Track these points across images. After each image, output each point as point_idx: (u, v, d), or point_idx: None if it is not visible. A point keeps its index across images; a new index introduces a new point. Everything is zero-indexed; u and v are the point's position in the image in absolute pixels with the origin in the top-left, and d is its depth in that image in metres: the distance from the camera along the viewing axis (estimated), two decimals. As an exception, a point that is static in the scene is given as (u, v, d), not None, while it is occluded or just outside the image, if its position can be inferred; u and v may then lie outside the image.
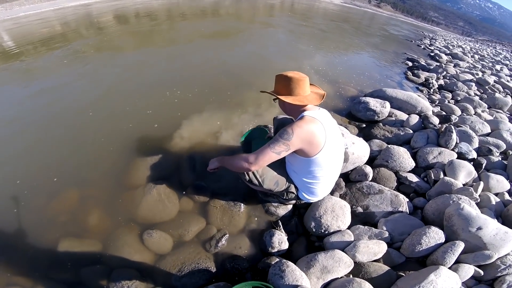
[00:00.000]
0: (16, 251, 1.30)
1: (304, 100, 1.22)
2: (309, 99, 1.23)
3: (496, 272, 1.22)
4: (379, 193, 1.62)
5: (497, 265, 1.22)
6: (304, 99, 1.22)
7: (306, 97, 1.23)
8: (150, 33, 5.97)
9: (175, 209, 1.52)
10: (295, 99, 1.21)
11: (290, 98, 1.21)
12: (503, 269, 1.21)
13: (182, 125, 2.23)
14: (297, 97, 1.22)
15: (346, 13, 24.18)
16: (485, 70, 6.57)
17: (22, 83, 3.17)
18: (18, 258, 1.27)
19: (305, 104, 1.21)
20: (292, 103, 1.21)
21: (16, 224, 1.41)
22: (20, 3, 13.82)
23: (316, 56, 5.13)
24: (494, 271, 1.22)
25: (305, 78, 1.23)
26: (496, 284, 1.21)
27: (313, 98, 1.25)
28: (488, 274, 1.23)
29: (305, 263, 1.22)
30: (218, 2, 14.58)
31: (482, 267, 1.24)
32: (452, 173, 1.81)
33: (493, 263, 1.23)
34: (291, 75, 1.21)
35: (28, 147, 1.96)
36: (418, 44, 10.20)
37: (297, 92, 1.22)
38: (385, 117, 2.66)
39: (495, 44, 26.86)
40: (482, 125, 2.58)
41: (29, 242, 1.33)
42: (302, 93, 1.23)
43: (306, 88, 1.24)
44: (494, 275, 1.22)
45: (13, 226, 1.40)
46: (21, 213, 1.47)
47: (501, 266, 1.21)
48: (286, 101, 1.20)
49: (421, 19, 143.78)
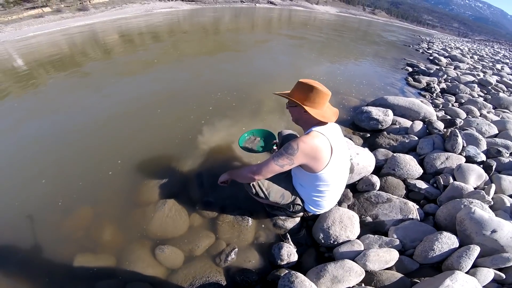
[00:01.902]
0: (33, 267, 1.34)
1: (325, 116, 1.16)
2: (328, 115, 1.18)
3: None
4: (388, 202, 1.60)
5: None
6: (325, 114, 1.17)
7: (327, 113, 1.19)
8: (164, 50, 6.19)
9: (186, 225, 1.54)
10: (319, 114, 1.15)
11: (314, 111, 1.14)
12: None
13: (189, 142, 2.28)
14: (320, 112, 1.16)
15: (343, 22, 24.71)
16: (486, 70, 6.56)
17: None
18: (35, 274, 1.31)
19: (326, 120, 1.15)
20: (314, 117, 1.14)
21: (33, 240, 1.47)
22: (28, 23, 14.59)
23: (316, 66, 5.23)
24: None
25: (329, 94, 1.18)
26: (520, 286, 1.17)
27: (330, 115, 1.20)
28: (510, 277, 1.19)
29: (315, 274, 1.20)
30: (211, 21, 15.10)
31: (503, 270, 1.20)
32: (462, 177, 1.78)
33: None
34: (316, 86, 1.15)
35: (43, 167, 2.03)
36: (416, 49, 10.31)
37: (319, 106, 1.17)
38: (389, 125, 2.65)
39: (493, 43, 26.91)
40: (488, 127, 2.56)
41: (46, 258, 1.38)
42: (321, 108, 1.18)
43: (326, 103, 1.20)
44: (517, 278, 1.18)
45: (30, 242, 1.45)
46: (37, 230, 1.53)
47: None
48: (311, 113, 1.13)
49: (416, 23, 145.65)
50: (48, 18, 16.53)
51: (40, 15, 17.27)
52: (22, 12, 16.95)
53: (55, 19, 16.63)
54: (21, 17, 16.11)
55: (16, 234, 1.50)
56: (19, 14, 16.54)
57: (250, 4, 37.93)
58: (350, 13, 73.16)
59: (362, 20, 41.06)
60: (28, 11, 17.50)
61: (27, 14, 17.05)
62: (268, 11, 29.31)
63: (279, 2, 49.65)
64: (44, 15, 17.34)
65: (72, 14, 18.54)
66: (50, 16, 17.33)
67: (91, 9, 20.53)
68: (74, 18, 17.27)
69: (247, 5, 36.92)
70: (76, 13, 19.11)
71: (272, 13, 26.36)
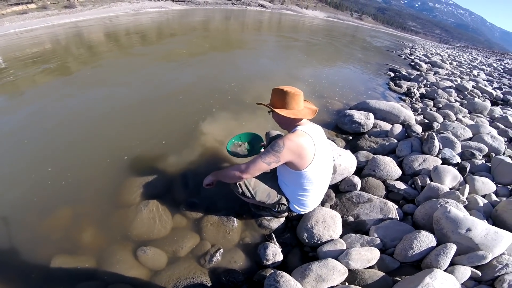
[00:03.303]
0: (9, 268, 1.29)
1: (298, 113, 1.27)
2: (302, 113, 1.29)
3: (494, 272, 1.23)
4: (369, 202, 1.66)
5: (494, 265, 1.24)
6: (298, 112, 1.28)
7: (300, 111, 1.29)
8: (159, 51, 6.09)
9: (169, 226, 1.53)
10: (289, 113, 1.26)
11: (285, 111, 1.26)
12: (500, 269, 1.22)
13: (175, 143, 2.26)
14: (292, 111, 1.27)
15: (331, 27, 25.29)
16: (463, 76, 6.89)
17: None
18: (11, 275, 1.26)
19: (298, 117, 1.27)
20: (286, 116, 1.26)
21: (10, 241, 1.41)
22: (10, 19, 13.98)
23: (304, 69, 5.32)
24: (492, 271, 1.23)
25: (300, 94, 1.29)
26: (497, 283, 1.21)
27: (306, 112, 1.30)
28: (486, 275, 1.24)
29: (300, 273, 1.22)
30: (202, 22, 15.04)
31: (479, 268, 1.25)
32: (438, 178, 1.86)
33: (489, 263, 1.24)
34: (287, 89, 1.27)
35: (22, 166, 1.96)
36: (399, 54, 10.72)
37: (292, 106, 1.27)
38: (370, 129, 2.75)
39: (471, 50, 28.38)
40: (463, 130, 2.69)
41: (23, 259, 1.33)
42: (296, 107, 1.28)
43: (300, 103, 1.30)
44: (493, 275, 1.23)
45: (6, 243, 1.40)
46: (14, 231, 1.47)
47: (498, 266, 1.23)
48: (281, 114, 1.26)
49: (400, 29, 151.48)
50: (32, 15, 15.89)
51: (24, 12, 16.56)
52: (6, 8, 16.20)
53: (40, 16, 16.00)
54: (4, 13, 15.39)
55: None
56: (2, 10, 15.79)
57: (241, 6, 38.09)
58: (338, 18, 75.01)
59: (349, 25, 42.22)
60: (12, 7, 16.75)
61: (10, 10, 16.31)
62: (258, 14, 29.55)
63: (269, 6, 50.19)
64: (29, 12, 16.65)
65: (58, 11, 17.90)
66: (34, 12, 16.67)
67: (78, 6, 19.91)
68: (59, 15, 16.68)
69: (238, 7, 37.06)
70: (62, 10, 18.47)
71: (263, 16, 26.60)
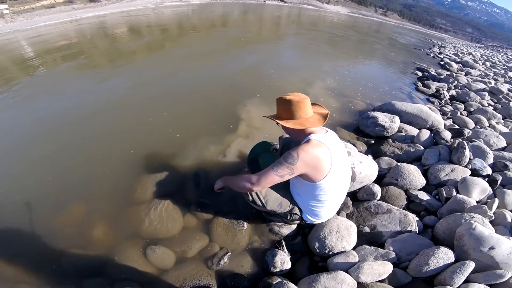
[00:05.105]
0: (22, 260, 1.34)
1: (305, 123, 1.18)
2: (310, 121, 1.19)
3: None
4: (388, 213, 1.57)
5: (510, 284, 1.18)
6: (305, 122, 1.18)
7: (308, 120, 1.19)
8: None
9: (179, 226, 1.53)
10: (296, 123, 1.17)
11: (291, 123, 1.17)
12: None
13: (188, 142, 2.25)
14: (298, 121, 1.18)
15: (353, 23, 24.35)
16: (497, 78, 6.39)
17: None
18: (23, 267, 1.31)
19: (306, 127, 1.17)
20: (293, 128, 1.17)
21: (24, 234, 1.46)
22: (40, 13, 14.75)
23: (324, 68, 5.15)
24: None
25: (305, 100, 1.19)
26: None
27: (315, 120, 1.21)
28: None
29: (307, 284, 1.19)
30: (223, 15, 15.03)
31: (494, 286, 1.19)
32: (465, 191, 1.74)
33: (506, 281, 1.18)
34: (290, 97, 1.18)
35: (37, 160, 2.02)
36: (427, 53, 10.10)
37: (299, 115, 1.18)
38: (395, 133, 2.59)
39: (506, 50, 26.17)
40: (497, 139, 2.49)
41: (35, 252, 1.38)
42: (303, 116, 1.19)
43: (307, 109, 1.20)
44: (508, 294, 1.17)
45: (20, 236, 1.45)
46: (29, 224, 1.52)
47: None
48: (287, 126, 1.17)
49: (428, 26, 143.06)
50: (60, 9, 16.70)
51: (52, 6, 17.45)
52: (35, 2, 17.14)
53: (67, 9, 16.80)
54: (33, 7, 16.30)
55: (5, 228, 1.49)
56: (32, 4, 16.73)
57: (259, 0, 37.60)
58: (362, 14, 72.08)
59: (373, 21, 40.40)
60: (41, 1, 17.69)
61: (39, 4, 17.24)
62: (277, 8, 29.04)
63: (289, 0, 49.13)
64: (56, 6, 17.52)
65: (84, 5, 18.66)
66: (61, 6, 17.51)
67: (102, 0, 20.64)
68: (85, 9, 17.40)
69: (256, 1, 36.60)
70: (87, 4, 19.24)
71: (282, 10, 26.12)
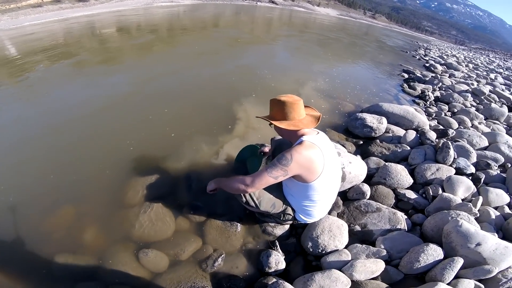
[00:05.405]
0: (11, 265, 1.30)
1: (299, 124, 1.20)
2: (304, 122, 1.22)
3: (498, 286, 1.21)
4: (377, 211, 1.61)
5: (498, 279, 1.22)
6: (299, 123, 1.21)
7: (301, 121, 1.22)
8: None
9: (171, 228, 1.51)
10: (290, 124, 1.20)
11: (285, 123, 1.20)
12: (504, 283, 1.21)
13: (180, 144, 2.23)
14: (292, 122, 1.20)
15: (343, 25, 24.82)
16: (480, 79, 6.64)
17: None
18: (12, 273, 1.27)
19: (299, 128, 1.20)
20: (287, 129, 1.19)
21: (12, 238, 1.42)
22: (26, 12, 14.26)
23: (315, 69, 5.23)
24: (495, 285, 1.22)
25: (298, 101, 1.22)
26: (500, 296, 1.20)
27: (308, 121, 1.23)
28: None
29: (302, 283, 1.21)
30: (214, 17, 15.00)
31: (483, 282, 1.23)
32: (451, 189, 1.81)
33: (494, 277, 1.22)
34: (284, 99, 1.20)
35: (25, 162, 1.96)
36: (413, 55, 10.42)
37: (292, 116, 1.21)
38: (382, 133, 2.66)
39: (488, 52, 27.34)
40: (479, 139, 2.59)
41: (24, 257, 1.34)
42: (297, 117, 1.22)
43: (300, 111, 1.23)
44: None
45: (8, 240, 1.41)
46: (16, 228, 1.47)
47: (502, 280, 1.21)
48: (281, 126, 1.20)
49: (415, 29, 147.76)
50: (47, 8, 16.20)
51: (39, 5, 16.90)
52: (21, 1, 16.56)
53: (54, 9, 16.31)
54: (19, 6, 15.74)
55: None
56: (18, 3, 16.15)
57: (251, 2, 37.77)
58: (351, 16, 73.55)
59: (362, 24, 41.33)
60: (27, 0, 17.10)
61: (25, 3, 16.67)
62: (269, 10, 29.27)
63: (280, 2, 49.58)
64: (43, 5, 16.98)
65: (71, 5, 18.17)
66: (48, 6, 16.99)
67: (91, 0, 20.17)
68: (73, 8, 16.94)
69: (248, 3, 36.76)
70: (75, 4, 18.75)
71: (274, 12, 26.34)
